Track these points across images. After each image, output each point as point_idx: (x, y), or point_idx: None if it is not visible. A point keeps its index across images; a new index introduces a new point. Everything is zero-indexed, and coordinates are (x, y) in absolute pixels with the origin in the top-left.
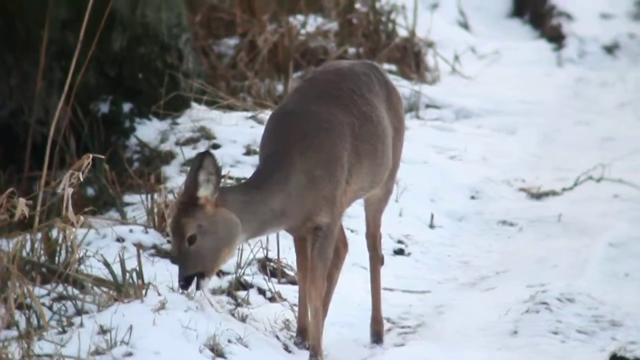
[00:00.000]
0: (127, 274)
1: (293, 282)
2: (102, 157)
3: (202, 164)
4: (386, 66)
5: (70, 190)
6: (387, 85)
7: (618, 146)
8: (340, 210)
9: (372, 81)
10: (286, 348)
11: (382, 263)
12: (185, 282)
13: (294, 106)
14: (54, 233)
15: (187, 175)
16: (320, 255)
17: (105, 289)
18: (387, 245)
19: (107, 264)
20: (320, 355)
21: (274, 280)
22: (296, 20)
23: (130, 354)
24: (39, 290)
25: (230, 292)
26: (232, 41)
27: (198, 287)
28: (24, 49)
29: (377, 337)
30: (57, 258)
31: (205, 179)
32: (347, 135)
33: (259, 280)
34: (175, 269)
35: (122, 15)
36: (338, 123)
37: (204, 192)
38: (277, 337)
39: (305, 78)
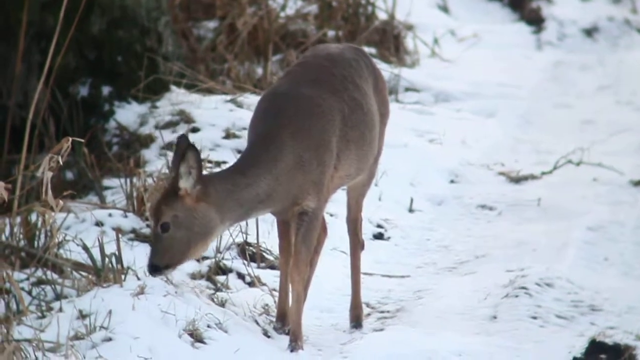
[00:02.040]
0: (107, 259)
1: (272, 267)
2: (82, 140)
3: (185, 156)
4: (365, 49)
5: (49, 174)
6: (374, 71)
7: (597, 129)
8: (327, 195)
9: (361, 67)
10: (265, 333)
11: (362, 248)
12: (152, 269)
13: (285, 89)
14: (33, 217)
15: (172, 161)
16: (304, 240)
17: (84, 274)
18: (366, 230)
19: (86, 249)
20: (301, 340)
21: (253, 264)
22: (275, 3)
23: (109, 339)
24: (18, 275)
25: (209, 276)
26: (212, 24)
27: (162, 275)
28: (2, 32)
29: (356, 321)
30: (36, 242)
31: (187, 171)
32: (337, 121)
33: (238, 264)
34: None
35: None
36: (329, 108)
37: (185, 184)
38: (257, 322)
39: (297, 62)
